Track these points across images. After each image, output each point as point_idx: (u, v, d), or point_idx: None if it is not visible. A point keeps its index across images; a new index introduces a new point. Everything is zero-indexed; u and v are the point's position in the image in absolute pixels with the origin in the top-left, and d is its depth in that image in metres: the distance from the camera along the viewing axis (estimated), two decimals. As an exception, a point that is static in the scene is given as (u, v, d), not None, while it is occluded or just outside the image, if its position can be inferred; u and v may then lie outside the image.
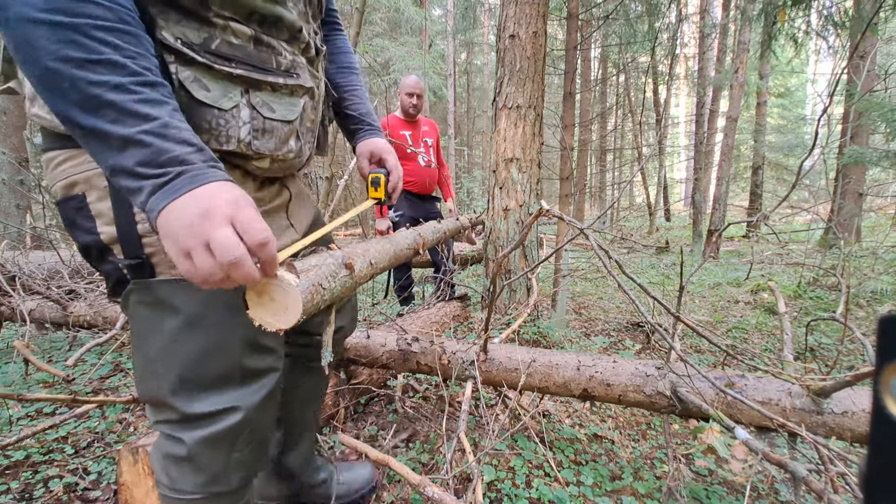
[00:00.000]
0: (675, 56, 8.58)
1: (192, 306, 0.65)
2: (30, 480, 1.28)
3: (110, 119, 0.46)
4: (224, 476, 0.72)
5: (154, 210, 0.48)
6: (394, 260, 0.99)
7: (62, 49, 0.45)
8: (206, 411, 0.68)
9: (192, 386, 0.67)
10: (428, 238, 1.44)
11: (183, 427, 0.69)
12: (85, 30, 0.46)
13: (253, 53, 0.65)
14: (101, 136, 0.47)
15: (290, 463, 1.10)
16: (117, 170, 0.48)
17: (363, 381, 1.68)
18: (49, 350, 2.31)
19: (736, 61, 6.59)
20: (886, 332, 0.19)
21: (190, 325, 0.65)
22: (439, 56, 13.65)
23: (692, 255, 6.88)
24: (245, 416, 0.70)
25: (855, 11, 4.64)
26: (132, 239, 0.62)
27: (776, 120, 17.12)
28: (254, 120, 0.66)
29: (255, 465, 0.77)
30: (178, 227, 0.47)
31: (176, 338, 0.65)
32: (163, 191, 0.48)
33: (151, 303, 0.65)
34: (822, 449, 0.95)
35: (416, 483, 0.97)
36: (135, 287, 0.64)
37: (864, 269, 3.73)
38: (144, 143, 0.47)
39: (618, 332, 2.79)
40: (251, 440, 0.73)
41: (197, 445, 0.68)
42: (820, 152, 4.40)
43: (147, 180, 0.48)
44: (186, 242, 0.47)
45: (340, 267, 0.73)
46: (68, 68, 0.45)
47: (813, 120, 13.90)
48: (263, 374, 0.73)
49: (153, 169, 0.48)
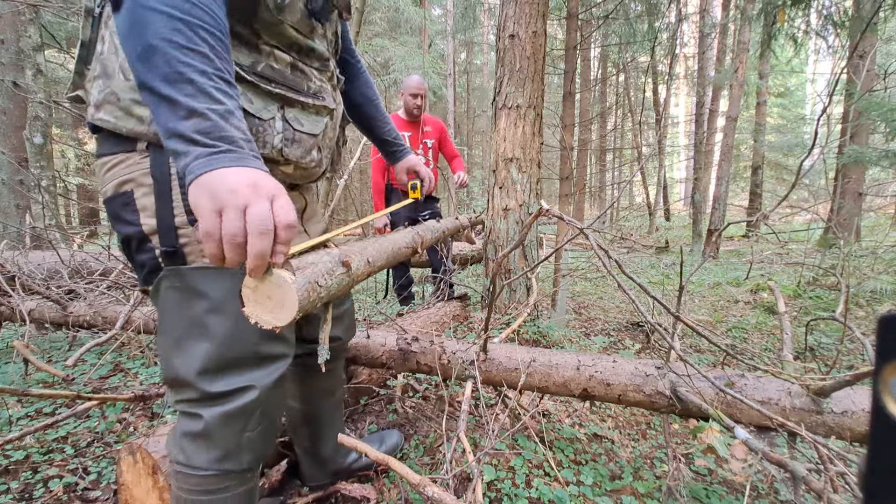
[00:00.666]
0: (675, 56, 8.58)
1: (218, 293, 0.73)
2: (30, 480, 1.28)
3: (186, 93, 0.54)
4: (236, 454, 0.79)
5: (196, 172, 0.54)
6: (392, 259, 1.00)
7: (169, 34, 0.54)
8: (224, 390, 0.75)
9: (213, 366, 0.74)
10: (427, 237, 1.44)
11: (202, 404, 0.76)
12: (192, 25, 0.55)
13: (289, 77, 0.79)
14: (173, 104, 0.54)
15: (324, 451, 1.22)
16: (174, 133, 0.55)
17: (363, 380, 1.68)
18: (49, 350, 2.31)
19: (735, 61, 6.59)
20: (886, 331, 0.20)
21: (214, 310, 0.73)
22: (439, 56, 13.65)
23: (692, 254, 6.88)
24: (259, 395, 0.77)
25: (854, 11, 4.64)
26: (169, 230, 0.71)
27: (776, 119, 17.13)
28: (286, 131, 0.78)
29: (263, 448, 0.84)
30: (222, 188, 0.53)
31: (202, 321, 0.73)
32: (209, 158, 0.54)
33: (181, 288, 0.73)
34: (821, 448, 0.95)
35: (416, 482, 0.97)
36: (167, 273, 0.73)
37: (864, 269, 3.73)
38: (208, 118, 0.55)
39: (617, 332, 2.79)
40: (262, 421, 0.80)
41: (214, 421, 0.75)
42: (819, 152, 4.41)
43: (197, 147, 0.54)
44: (225, 201, 0.53)
45: (337, 265, 0.73)
46: (168, 48, 0.54)
47: (812, 119, 13.90)
48: (277, 359, 0.81)
49: (207, 139, 0.55)
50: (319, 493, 1.23)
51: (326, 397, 1.19)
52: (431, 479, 0.97)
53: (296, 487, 1.27)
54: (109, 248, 2.86)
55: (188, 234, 0.72)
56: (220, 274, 0.73)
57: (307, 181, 0.94)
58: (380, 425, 1.61)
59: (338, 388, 1.23)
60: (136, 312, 2.05)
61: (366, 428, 1.59)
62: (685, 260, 6.28)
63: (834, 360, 1.86)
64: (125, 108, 0.69)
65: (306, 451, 1.22)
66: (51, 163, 4.81)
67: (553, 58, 7.74)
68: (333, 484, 1.26)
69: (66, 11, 4.70)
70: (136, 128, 0.70)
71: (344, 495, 1.24)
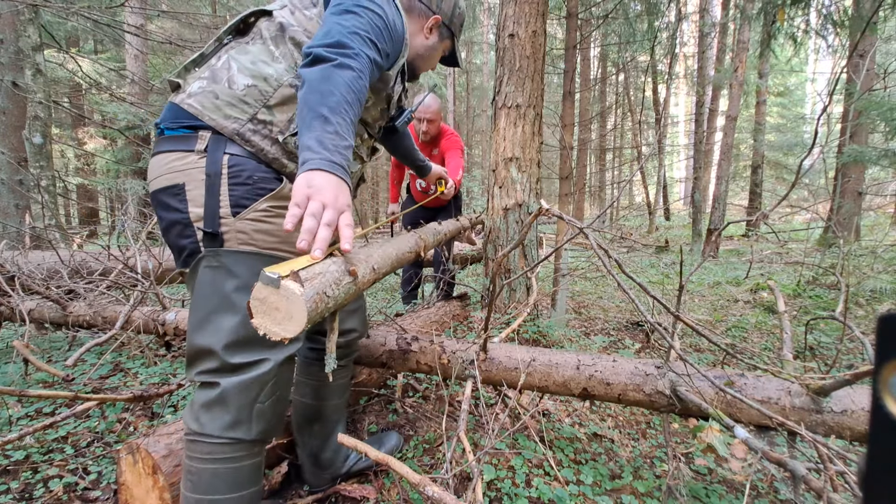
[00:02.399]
0: (675, 55, 8.58)
1: (247, 274, 0.86)
2: (30, 480, 1.28)
3: (338, 121, 0.77)
4: (248, 422, 0.87)
5: (313, 166, 0.73)
6: (396, 264, 1.00)
7: (346, 94, 0.79)
8: (243, 361, 0.86)
9: (236, 338, 0.85)
10: (429, 240, 1.44)
11: (221, 374, 0.86)
12: (357, 94, 0.82)
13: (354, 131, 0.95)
14: (328, 122, 0.76)
15: (325, 455, 1.26)
16: (318, 139, 0.75)
17: (363, 380, 1.68)
18: (48, 350, 2.31)
19: (735, 60, 6.58)
20: (885, 330, 0.20)
21: (243, 287, 0.86)
22: (439, 55, 13.59)
23: (692, 254, 6.88)
24: (272, 367, 0.88)
25: (854, 10, 4.63)
26: (214, 217, 0.86)
27: (775, 119, 17.12)
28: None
29: (273, 421, 0.92)
30: (322, 182, 0.72)
31: (231, 297, 0.86)
32: (327, 162, 0.74)
33: (217, 267, 0.87)
34: (821, 447, 0.95)
35: (415, 482, 0.97)
36: (207, 254, 0.87)
37: (864, 268, 3.73)
38: (344, 139, 0.78)
39: (617, 332, 2.79)
40: (273, 393, 0.90)
41: (230, 388, 0.85)
42: (819, 151, 4.41)
43: (326, 152, 0.74)
44: (314, 193, 0.71)
45: (344, 274, 0.73)
46: (342, 99, 0.78)
47: (812, 119, 13.90)
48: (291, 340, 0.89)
49: (335, 151, 0.75)
50: (319, 493, 1.24)
51: (336, 395, 1.24)
52: (431, 478, 0.97)
53: (296, 489, 1.27)
54: (109, 247, 2.86)
55: (229, 223, 0.87)
56: (249, 257, 0.88)
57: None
58: (380, 425, 1.61)
59: (347, 388, 1.30)
60: (136, 312, 2.05)
61: (365, 428, 1.59)
62: (685, 259, 6.29)
63: (833, 360, 1.85)
64: (217, 105, 0.88)
65: (310, 453, 1.23)
66: (50, 163, 4.80)
67: (553, 57, 7.73)
68: (334, 485, 1.27)
69: (65, 11, 4.69)
70: (220, 120, 0.87)
71: (343, 495, 1.24)
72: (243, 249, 0.87)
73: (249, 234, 0.88)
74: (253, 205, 0.88)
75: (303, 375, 1.22)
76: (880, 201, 11.19)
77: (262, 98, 0.90)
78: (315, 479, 1.25)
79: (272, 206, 0.90)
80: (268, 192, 0.89)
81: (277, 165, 0.93)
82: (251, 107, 0.89)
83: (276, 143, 0.92)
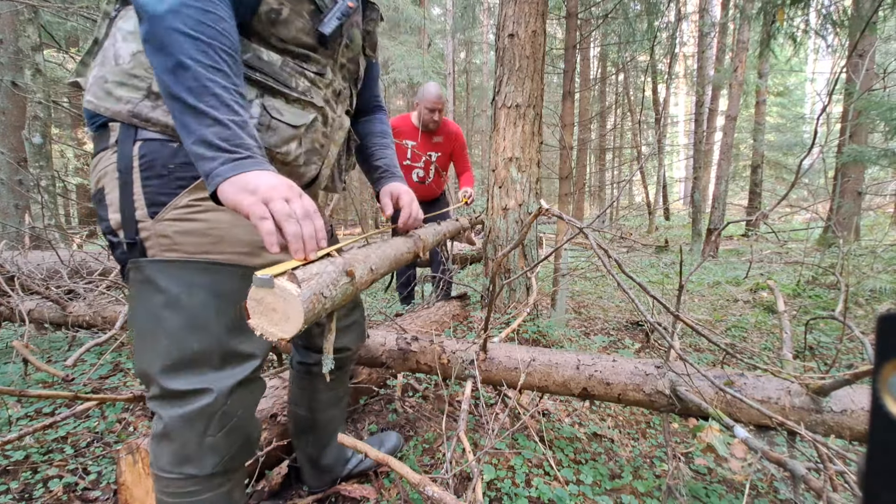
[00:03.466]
0: (675, 55, 8.58)
1: (174, 287, 0.73)
2: (29, 480, 1.28)
3: (210, 104, 0.61)
4: (197, 458, 0.77)
5: (224, 175, 0.61)
6: (394, 265, 1.00)
7: (196, 54, 0.61)
8: (182, 389, 0.75)
9: (170, 362, 0.74)
10: (428, 241, 1.44)
11: (163, 403, 0.76)
12: (215, 47, 0.63)
13: (277, 71, 0.78)
14: (199, 113, 0.61)
15: (325, 460, 1.22)
16: (201, 139, 0.61)
17: (363, 380, 1.68)
18: (48, 350, 2.31)
19: (735, 60, 6.58)
20: (885, 330, 0.19)
21: (170, 304, 0.73)
22: (438, 55, 13.64)
23: (691, 253, 6.88)
24: (216, 399, 0.76)
25: (854, 10, 4.64)
26: (130, 222, 0.73)
27: (775, 119, 17.12)
28: (262, 117, 0.77)
29: (231, 453, 0.81)
30: (262, 185, 0.61)
31: (159, 315, 0.74)
32: (235, 163, 0.62)
33: (142, 281, 0.74)
34: (821, 447, 0.95)
35: (415, 482, 0.97)
36: (131, 266, 0.74)
37: (863, 268, 3.73)
38: (229, 127, 0.62)
39: (617, 331, 2.79)
40: (223, 425, 0.78)
41: (172, 422, 0.75)
42: (819, 151, 4.41)
43: (222, 153, 0.62)
44: (267, 194, 0.61)
45: (341, 274, 0.73)
46: (195, 65, 0.61)
47: (812, 119, 13.90)
48: (243, 360, 0.79)
49: (229, 145, 0.62)
50: (319, 493, 1.24)
51: (332, 406, 1.19)
52: (431, 478, 0.97)
53: (296, 489, 1.27)
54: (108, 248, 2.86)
55: (148, 227, 0.73)
56: (177, 267, 0.74)
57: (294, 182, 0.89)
58: (380, 425, 1.61)
59: (344, 397, 1.23)
60: (136, 312, 2.05)
61: (366, 428, 1.59)
62: (685, 259, 6.29)
63: (833, 359, 1.86)
64: (108, 91, 0.72)
65: (308, 459, 1.22)
66: (50, 163, 4.80)
67: (552, 57, 7.73)
68: (334, 486, 1.27)
69: (65, 11, 4.69)
70: (112, 107, 0.72)
71: (344, 496, 1.24)
72: (168, 257, 0.73)
73: (172, 237, 0.73)
74: (172, 201, 0.73)
75: (296, 387, 1.17)
76: (880, 201, 11.20)
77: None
78: (315, 481, 1.24)
79: (196, 199, 0.74)
80: (189, 183, 0.74)
81: None
82: (142, 79, 0.72)
83: None
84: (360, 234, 0.94)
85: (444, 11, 13.40)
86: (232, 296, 0.76)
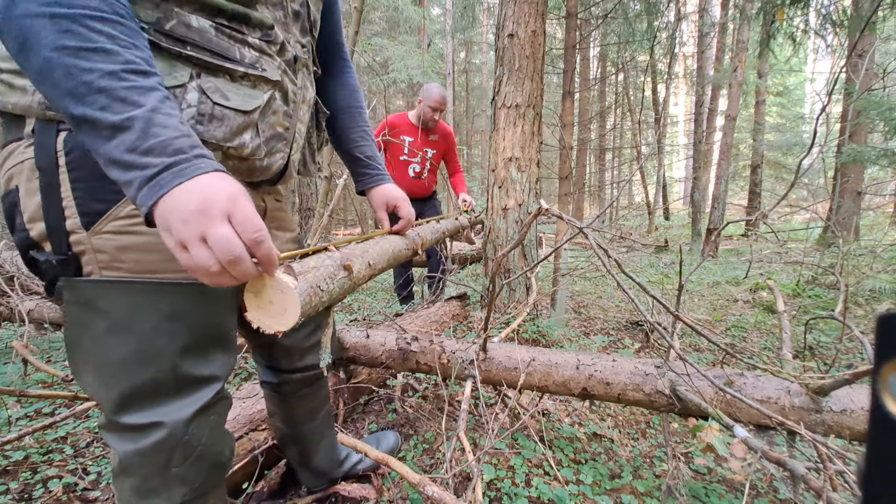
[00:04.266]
0: (674, 55, 8.58)
1: (119, 310, 0.62)
2: (29, 481, 1.28)
3: (100, 106, 0.46)
4: (163, 490, 0.67)
5: (145, 205, 0.48)
6: (393, 261, 0.99)
7: (59, 39, 0.46)
8: (132, 423, 0.64)
9: (118, 395, 0.63)
10: (427, 238, 1.44)
11: (114, 436, 0.66)
12: (81, 20, 0.46)
13: (213, 40, 0.62)
14: (92, 124, 0.47)
15: (317, 464, 1.18)
16: (109, 160, 0.48)
17: (363, 380, 1.68)
18: (48, 350, 2.30)
19: (735, 60, 6.59)
20: (885, 330, 0.20)
21: (115, 329, 0.62)
22: (438, 55, 13.63)
23: (691, 253, 6.88)
24: (171, 432, 0.65)
25: (853, 10, 4.64)
26: (59, 234, 0.59)
27: (775, 118, 17.13)
28: (201, 104, 0.62)
29: (202, 480, 0.71)
30: (174, 220, 0.47)
31: (103, 341, 0.62)
32: (150, 185, 0.47)
33: (79, 302, 0.62)
34: (820, 447, 0.95)
35: (415, 482, 0.97)
36: (64, 285, 0.62)
37: (863, 268, 3.73)
38: (131, 129, 0.47)
39: (617, 331, 2.79)
40: (188, 455, 0.68)
41: (128, 457, 0.65)
42: (818, 151, 4.41)
43: (134, 170, 0.47)
44: (182, 235, 0.47)
45: (339, 268, 0.73)
46: (63, 57, 0.46)
47: (811, 118, 13.91)
48: (202, 384, 0.69)
49: (139, 157, 0.47)
50: (318, 493, 1.24)
51: (308, 420, 1.12)
52: (431, 478, 0.97)
53: (295, 489, 1.27)
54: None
55: (83, 239, 0.59)
56: (122, 289, 0.62)
57: (257, 178, 0.75)
58: (379, 425, 1.61)
59: (321, 408, 1.15)
60: (136, 312, 2.05)
61: (365, 427, 1.59)
62: (684, 259, 6.29)
63: (833, 359, 1.86)
64: (7, 82, 0.59)
65: (299, 464, 1.20)
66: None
67: (552, 57, 7.74)
68: (332, 486, 1.27)
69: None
70: (20, 101, 0.58)
71: (343, 496, 1.24)
72: (109, 277, 0.61)
73: (112, 253, 0.60)
74: (112, 210, 0.60)
75: (269, 403, 1.11)
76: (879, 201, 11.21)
77: None
78: (311, 482, 1.23)
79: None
80: None
81: None
82: None
83: None
84: (360, 235, 0.93)
85: (444, 11, 13.40)
86: (187, 317, 0.65)
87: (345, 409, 1.61)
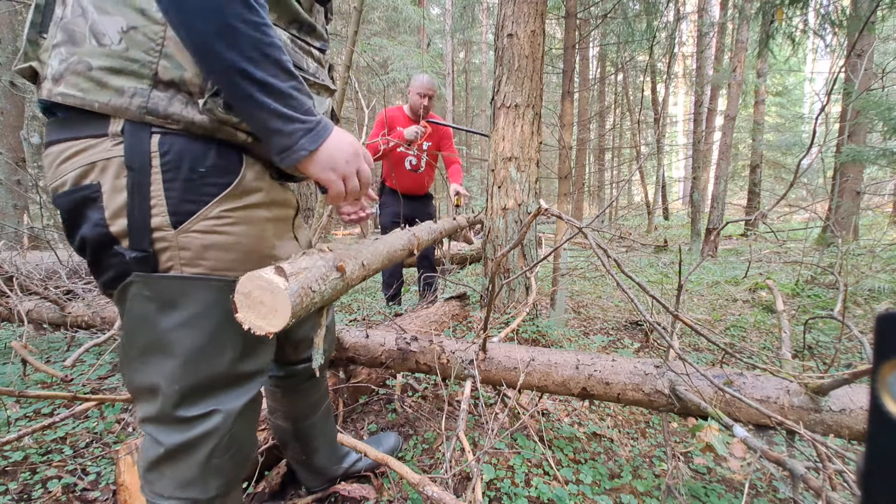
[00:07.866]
0: (674, 55, 8.58)
1: (195, 305, 0.65)
2: (28, 481, 1.28)
3: (273, 73, 0.59)
4: (200, 481, 0.71)
5: (308, 148, 0.63)
6: (387, 261, 0.99)
7: (246, 13, 0.55)
8: (187, 415, 0.68)
9: (178, 386, 0.66)
10: (423, 238, 1.44)
11: (163, 428, 0.69)
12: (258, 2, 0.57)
13: (291, 53, 0.70)
14: (266, 86, 0.58)
15: (317, 462, 1.19)
16: (274, 113, 0.60)
17: (362, 380, 1.68)
18: (47, 350, 2.30)
19: (734, 60, 6.59)
20: (884, 329, 0.20)
21: (188, 324, 0.65)
22: (437, 55, 13.64)
23: (690, 253, 6.89)
24: (224, 421, 0.70)
25: (852, 10, 4.64)
26: (143, 231, 0.62)
27: (774, 118, 17.13)
28: None
29: (235, 474, 0.76)
30: (340, 160, 0.67)
31: (173, 336, 0.65)
32: (313, 134, 0.63)
33: (151, 297, 0.64)
34: (820, 446, 0.95)
35: (415, 482, 0.97)
36: (136, 279, 0.63)
37: (862, 267, 3.74)
38: (293, 95, 0.61)
39: (616, 331, 2.79)
40: (230, 446, 0.72)
41: (175, 447, 0.68)
42: (818, 151, 4.41)
43: (298, 124, 0.62)
44: (347, 170, 0.68)
45: (331, 269, 0.73)
46: (249, 29, 0.56)
47: (811, 118, 13.92)
48: (250, 378, 0.74)
49: (302, 115, 0.62)
50: (319, 493, 1.24)
51: (310, 413, 1.14)
52: (431, 478, 0.97)
53: (295, 489, 1.27)
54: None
55: (168, 237, 0.62)
56: (200, 285, 0.65)
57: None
58: (379, 425, 1.61)
59: (322, 402, 1.17)
60: (135, 313, 2.04)
61: (365, 427, 1.58)
62: (684, 259, 6.29)
63: (832, 359, 1.86)
64: (97, 80, 0.58)
65: (299, 463, 1.20)
66: (48, 163, 4.79)
67: (552, 57, 7.74)
68: (332, 485, 1.27)
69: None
70: (112, 101, 0.59)
71: (343, 496, 1.24)
72: (186, 274, 0.64)
73: (196, 251, 0.64)
74: (202, 210, 0.63)
75: (270, 400, 1.12)
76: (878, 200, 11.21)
77: (152, 45, 0.59)
78: (311, 482, 1.23)
79: (229, 209, 0.66)
80: (220, 191, 0.65)
81: (225, 135, 0.65)
82: (144, 64, 0.59)
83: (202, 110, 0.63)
84: (359, 235, 0.92)
85: (443, 11, 13.40)
86: None
87: (344, 410, 1.61)
